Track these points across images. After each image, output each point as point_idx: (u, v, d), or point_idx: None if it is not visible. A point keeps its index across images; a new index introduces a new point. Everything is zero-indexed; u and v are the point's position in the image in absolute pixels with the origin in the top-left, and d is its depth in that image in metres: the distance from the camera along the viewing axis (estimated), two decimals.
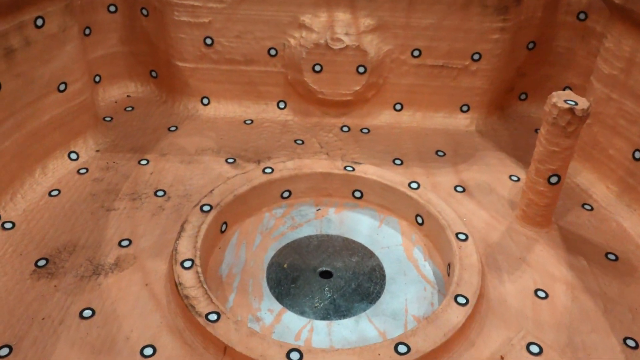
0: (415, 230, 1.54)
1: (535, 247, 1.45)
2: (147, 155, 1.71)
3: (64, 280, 1.31)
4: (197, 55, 1.82)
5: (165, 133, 1.81)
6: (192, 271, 1.28)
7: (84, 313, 1.24)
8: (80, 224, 1.47)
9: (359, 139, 1.82)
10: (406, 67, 1.82)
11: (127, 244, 1.41)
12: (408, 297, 1.36)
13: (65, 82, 1.58)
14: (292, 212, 1.59)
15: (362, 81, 1.80)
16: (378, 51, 1.77)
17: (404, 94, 1.87)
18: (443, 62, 1.80)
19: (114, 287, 1.30)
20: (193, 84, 1.88)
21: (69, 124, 1.64)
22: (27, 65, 1.45)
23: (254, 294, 1.36)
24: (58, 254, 1.38)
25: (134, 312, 1.25)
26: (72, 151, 1.67)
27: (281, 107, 1.91)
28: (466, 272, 1.30)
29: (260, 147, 1.76)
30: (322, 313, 1.32)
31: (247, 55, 1.82)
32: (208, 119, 1.89)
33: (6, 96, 1.42)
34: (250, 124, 1.88)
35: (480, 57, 1.79)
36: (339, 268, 1.44)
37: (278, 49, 1.81)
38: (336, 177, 1.60)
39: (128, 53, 1.92)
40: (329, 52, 1.75)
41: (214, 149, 1.74)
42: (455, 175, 1.68)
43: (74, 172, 1.63)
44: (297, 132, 1.83)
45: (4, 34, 1.37)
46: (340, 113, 1.89)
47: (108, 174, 1.63)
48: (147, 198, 1.55)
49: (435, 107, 1.89)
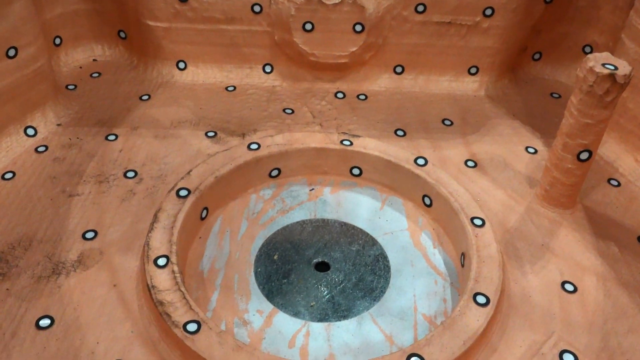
0: (422, 213, 1.36)
1: (560, 231, 1.28)
2: (116, 129, 1.50)
3: (18, 282, 1.12)
4: (171, 13, 1.59)
5: (136, 103, 1.60)
6: (168, 270, 1.10)
7: (40, 322, 1.06)
8: (38, 213, 1.27)
9: (355, 107, 1.62)
10: (409, 25, 1.60)
11: (93, 236, 1.22)
12: (417, 292, 1.19)
13: (16, 47, 1.36)
14: (282, 194, 1.40)
15: (359, 41, 1.59)
16: (377, 6, 1.55)
17: (406, 55, 1.66)
18: (451, 19, 1.59)
19: (76, 290, 1.12)
20: (167, 46, 1.66)
21: (23, 94, 1.43)
22: None
23: (240, 292, 1.18)
24: (11, 250, 1.19)
25: (100, 320, 1.07)
26: (29, 126, 1.46)
27: (267, 71, 1.69)
28: (485, 266, 1.13)
29: (245, 117, 1.56)
30: (319, 314, 1.15)
31: (228, 12, 1.59)
32: (185, 85, 1.67)
33: None
34: (233, 90, 1.66)
35: (493, 12, 1.58)
36: (337, 259, 1.26)
37: (263, 5, 1.58)
38: (332, 153, 1.41)
39: (92, 11, 1.69)
40: (322, 8, 1.53)
41: (192, 121, 1.54)
42: (465, 147, 1.49)
43: (31, 151, 1.43)
44: (286, 100, 1.63)
45: None
46: (335, 77, 1.68)
47: (71, 152, 1.43)
48: (116, 180, 1.35)
49: (440, 69, 1.69)
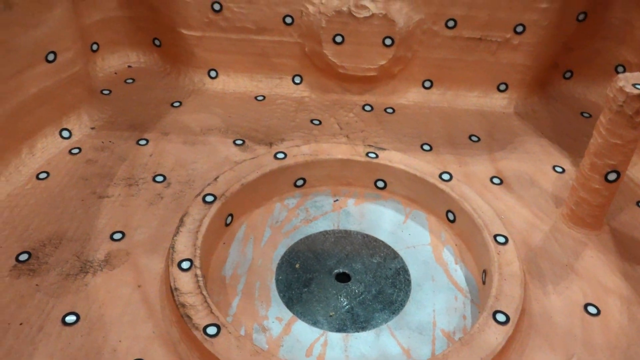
0: (446, 228, 1.36)
1: (585, 252, 1.26)
2: (147, 134, 1.54)
3: (47, 279, 1.16)
4: (204, 22, 1.63)
5: (167, 109, 1.64)
6: (191, 274, 1.12)
7: (67, 318, 1.09)
8: (69, 212, 1.30)
9: (382, 120, 1.63)
10: (439, 40, 1.61)
11: (120, 237, 1.25)
12: (436, 307, 1.19)
13: (55, 52, 1.41)
14: (307, 203, 1.42)
15: (388, 54, 1.60)
16: (408, 21, 1.56)
17: (435, 69, 1.67)
18: (481, 35, 1.59)
19: (102, 289, 1.15)
20: (199, 54, 1.69)
21: (60, 98, 1.47)
22: (7, 32, 1.27)
23: (260, 299, 1.20)
24: (42, 247, 1.22)
25: (124, 319, 1.09)
26: (65, 128, 1.50)
27: (297, 82, 1.72)
28: (506, 284, 1.12)
29: (273, 127, 1.58)
30: (338, 324, 1.15)
31: (260, 23, 1.62)
32: (215, 93, 1.70)
33: None
34: (262, 100, 1.69)
35: (524, 29, 1.57)
36: (358, 270, 1.27)
37: (294, 17, 1.61)
38: (357, 165, 1.42)
39: (128, 18, 1.74)
40: (352, 21, 1.55)
41: (221, 129, 1.57)
42: (491, 164, 1.49)
43: (65, 152, 1.47)
44: (314, 111, 1.65)
45: None
46: (363, 90, 1.70)
47: (103, 155, 1.47)
48: (145, 184, 1.39)
49: (469, 85, 1.69)
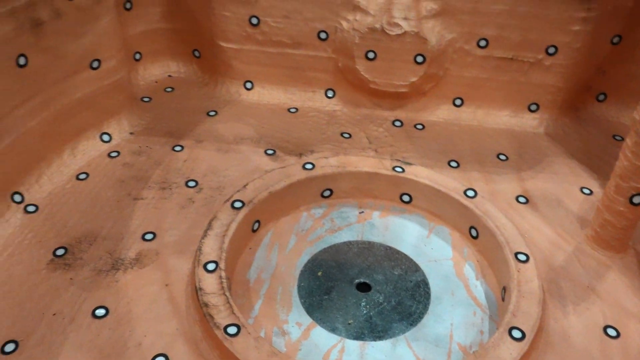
0: (468, 244, 1.37)
1: (608, 274, 1.26)
2: (183, 141, 1.60)
3: (81, 274, 1.22)
4: (242, 36, 1.69)
5: (203, 118, 1.70)
6: (215, 275, 1.16)
7: (96, 312, 1.14)
8: (105, 212, 1.37)
9: (411, 136, 1.65)
10: (470, 59, 1.63)
11: (151, 237, 1.31)
12: (454, 321, 1.20)
13: (99, 59, 1.48)
14: (333, 214, 1.45)
15: (419, 72, 1.63)
16: (440, 39, 1.59)
17: (466, 88, 1.69)
18: (513, 55, 1.61)
19: (131, 286, 1.20)
20: (236, 66, 1.75)
21: (102, 103, 1.55)
22: (56, 39, 1.35)
23: (282, 304, 1.23)
24: (78, 243, 1.29)
25: (150, 315, 1.14)
26: (105, 132, 1.58)
27: (329, 95, 1.76)
28: (524, 301, 1.13)
29: (304, 138, 1.62)
30: (356, 331, 1.18)
31: (295, 37, 1.67)
32: (250, 104, 1.76)
33: (34, 72, 1.33)
34: (295, 112, 1.74)
35: (556, 50, 1.58)
36: (379, 281, 1.29)
37: (329, 32, 1.65)
38: (383, 178, 1.45)
39: (171, 30, 1.81)
40: (385, 38, 1.59)
41: (253, 138, 1.62)
42: (518, 183, 1.49)
43: (104, 155, 1.54)
44: (345, 125, 1.68)
45: (32, 4, 1.27)
46: (394, 106, 1.73)
47: (139, 159, 1.53)
48: (178, 188, 1.44)
49: (500, 104, 1.70)
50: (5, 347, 1.07)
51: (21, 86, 1.31)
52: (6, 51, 1.25)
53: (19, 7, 1.25)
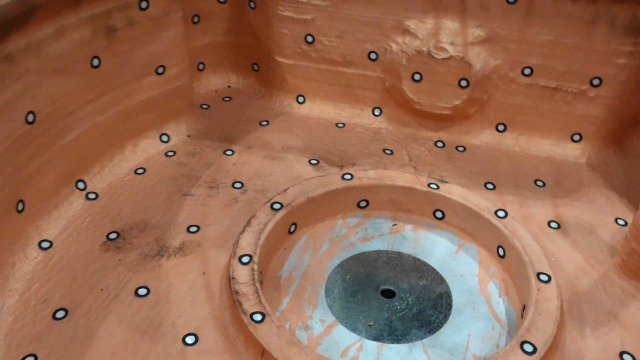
0: (495, 263, 1.41)
1: (631, 303, 1.26)
2: (234, 146, 1.71)
3: (129, 256, 1.34)
4: (297, 52, 1.80)
5: (255, 126, 1.81)
6: (248, 267, 1.25)
7: (139, 291, 1.26)
8: (157, 204, 1.49)
9: (452, 157, 1.70)
10: (515, 86, 1.68)
11: (195, 230, 1.42)
12: (472, 333, 1.24)
13: (164, 66, 1.62)
14: (367, 224, 1.52)
15: (463, 95, 1.68)
16: (485, 65, 1.64)
17: (509, 114, 1.73)
18: (557, 84, 1.64)
19: (172, 271, 1.30)
20: (291, 80, 1.86)
21: (164, 106, 1.68)
22: (127, 44, 1.50)
23: (309, 301, 1.30)
24: (129, 230, 1.41)
25: (186, 299, 1.24)
26: (164, 133, 1.71)
27: (376, 114, 1.84)
28: (540, 318, 1.15)
29: (347, 152, 1.70)
30: (375, 333, 1.24)
31: (347, 56, 1.77)
32: (300, 117, 1.86)
33: (105, 73, 1.48)
34: (342, 127, 1.82)
35: (600, 82, 1.60)
36: (404, 289, 1.34)
37: (379, 53, 1.74)
38: (418, 193, 1.50)
39: (233, 44, 1.94)
40: (431, 61, 1.66)
41: (299, 148, 1.71)
42: (552, 209, 1.52)
43: (162, 154, 1.67)
44: (388, 142, 1.75)
45: (108, 13, 1.42)
46: (438, 127, 1.79)
47: (192, 160, 1.65)
48: (224, 188, 1.55)
49: (542, 132, 1.73)
50: (57, 313, 1.20)
51: (93, 84, 1.46)
52: (83, 52, 1.40)
53: (97, 14, 1.40)
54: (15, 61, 1.22)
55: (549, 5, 1.55)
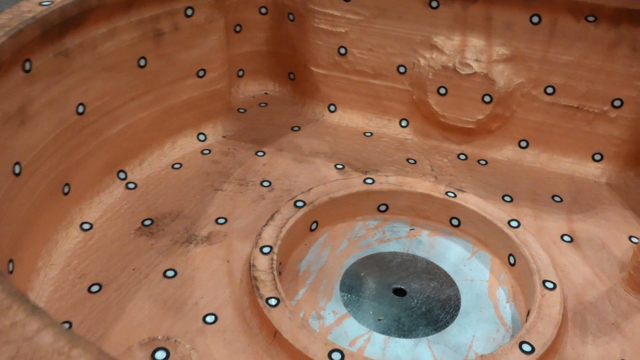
0: (506, 270, 1.46)
1: (636, 316, 1.30)
2: (265, 148, 1.81)
3: (160, 241, 1.44)
4: (330, 63, 1.90)
5: (287, 131, 1.91)
6: (268, 257, 1.34)
7: (167, 273, 1.36)
8: (189, 197, 1.60)
9: (473, 169, 1.77)
10: (537, 104, 1.73)
11: (223, 222, 1.52)
12: (477, 334, 1.29)
13: (205, 69, 1.74)
14: (385, 227, 1.59)
15: (486, 111, 1.75)
16: (508, 82, 1.71)
17: (532, 131, 1.78)
18: (578, 104, 1.69)
19: (199, 257, 1.41)
20: (323, 90, 1.96)
21: (202, 107, 1.80)
22: (172, 48, 1.62)
23: (323, 294, 1.38)
24: (163, 218, 1.52)
25: (209, 282, 1.34)
26: (201, 133, 1.83)
27: (403, 125, 1.92)
28: (542, 322, 1.21)
29: (372, 159, 1.78)
30: (384, 327, 1.31)
31: (377, 69, 1.86)
32: (330, 124, 1.95)
33: (150, 73, 1.60)
34: (369, 136, 1.91)
35: (621, 103, 1.65)
36: (415, 289, 1.41)
37: (407, 67, 1.82)
38: (436, 201, 1.57)
39: (271, 53, 2.06)
40: (456, 76, 1.73)
41: (327, 153, 1.80)
42: (566, 223, 1.56)
43: (198, 152, 1.79)
44: (412, 152, 1.83)
45: (156, 18, 1.55)
46: (461, 140, 1.85)
47: (226, 159, 1.76)
48: (253, 186, 1.65)
49: (564, 150, 1.77)
50: (92, 287, 1.31)
51: (138, 83, 1.59)
52: (131, 52, 1.53)
53: (146, 19, 1.53)
54: (71, 56, 1.35)
55: (571, 27, 1.60)
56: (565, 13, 1.60)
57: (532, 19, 1.63)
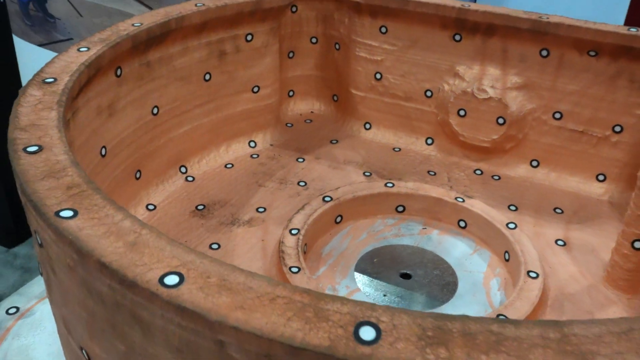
0: (502, 265, 1.67)
1: (610, 307, 1.48)
2: (305, 155, 2.11)
3: (209, 222, 1.75)
4: (368, 86, 2.19)
5: (326, 143, 2.20)
6: (295, 237, 1.61)
7: (212, 246, 1.65)
8: (237, 190, 1.90)
9: (486, 183, 1.99)
10: (546, 127, 1.95)
11: (262, 210, 1.81)
12: (467, 312, 1.51)
13: (259, 86, 2.07)
14: (401, 225, 1.83)
15: (500, 132, 1.98)
16: (520, 107, 1.93)
17: (542, 152, 1.99)
18: (583, 129, 1.89)
19: (239, 235, 1.70)
20: (361, 110, 2.24)
21: (255, 118, 2.12)
22: (233, 66, 1.96)
23: (340, 272, 1.64)
24: (213, 204, 1.83)
25: (246, 255, 1.62)
26: (252, 140, 2.14)
27: (429, 143, 2.17)
28: (520, 301, 1.41)
29: (397, 170, 2.04)
30: (387, 301, 1.54)
31: (408, 92, 2.13)
32: (365, 140, 2.23)
33: (213, 85, 1.94)
34: (398, 151, 2.17)
35: (622, 129, 1.84)
36: (419, 274, 1.64)
37: (433, 91, 2.08)
38: (447, 204, 1.81)
39: (319, 77, 2.37)
40: (474, 100, 1.97)
41: (358, 163, 2.07)
42: (563, 231, 1.76)
43: (248, 155, 2.10)
44: (434, 165, 2.07)
45: (221, 40, 1.89)
46: (479, 158, 2.08)
47: (271, 162, 2.06)
48: (291, 185, 1.94)
49: (571, 170, 1.97)
50: None
51: (203, 93, 1.92)
52: (199, 68, 1.87)
53: (213, 41, 1.87)
54: (151, 67, 1.70)
55: (576, 60, 1.83)
56: (571, 48, 1.83)
57: (542, 52, 1.87)
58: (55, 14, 3.70)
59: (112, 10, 3.38)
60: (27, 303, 1.53)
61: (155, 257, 0.75)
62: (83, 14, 3.55)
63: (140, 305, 0.73)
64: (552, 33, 1.82)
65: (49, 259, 0.89)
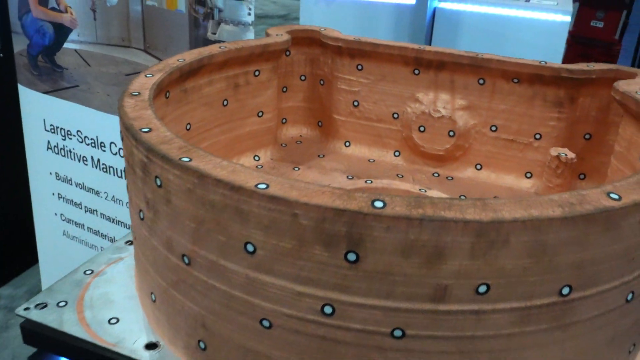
0: None
1: None
2: (300, 166, 2.64)
3: None
4: (347, 112, 2.76)
5: (315, 157, 2.75)
6: None
7: None
8: None
9: (442, 182, 2.56)
10: (486, 138, 2.55)
11: None
12: None
13: (263, 112, 2.61)
14: None
15: (451, 142, 2.56)
16: (465, 123, 2.54)
17: (484, 157, 2.58)
18: (513, 137, 2.50)
19: None
20: (342, 131, 2.81)
21: (259, 138, 2.66)
22: (244, 96, 2.51)
23: None
24: None
25: None
26: (257, 155, 2.67)
27: (396, 155, 2.74)
28: None
29: (372, 175, 2.60)
30: None
31: (379, 116, 2.71)
32: (346, 154, 2.79)
33: (229, 110, 2.48)
34: (373, 162, 2.73)
35: (540, 137, 2.45)
36: None
37: (399, 114, 2.67)
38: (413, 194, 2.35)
39: (307, 108, 2.93)
40: (430, 119, 2.57)
41: (342, 170, 2.62)
42: None
43: (253, 167, 2.63)
44: (401, 171, 2.64)
45: (236, 75, 2.44)
46: (436, 165, 2.66)
47: (272, 171, 2.59)
48: None
49: (506, 171, 2.56)
50: None
51: (221, 116, 2.46)
52: (220, 96, 2.41)
53: (230, 75, 2.42)
54: (187, 93, 2.23)
55: (504, 86, 2.45)
56: (500, 77, 2.45)
57: (479, 81, 2.49)
58: (63, 65, 4.14)
59: (119, 59, 3.90)
60: (98, 267, 2.00)
61: (249, 176, 1.28)
62: (91, 64, 4.05)
63: (244, 202, 1.24)
64: (485, 66, 2.45)
65: (167, 192, 1.39)
